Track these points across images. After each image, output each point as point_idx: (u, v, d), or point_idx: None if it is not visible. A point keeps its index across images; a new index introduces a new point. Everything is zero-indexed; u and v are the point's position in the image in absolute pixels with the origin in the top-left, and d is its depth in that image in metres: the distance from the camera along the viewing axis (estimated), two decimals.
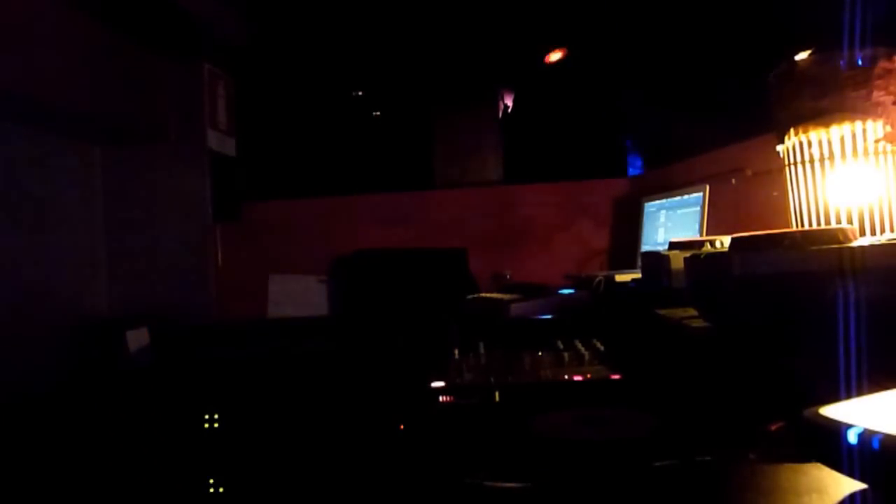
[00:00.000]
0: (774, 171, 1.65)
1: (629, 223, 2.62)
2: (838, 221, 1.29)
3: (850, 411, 0.51)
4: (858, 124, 1.27)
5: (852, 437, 0.47)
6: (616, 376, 1.16)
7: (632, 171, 3.02)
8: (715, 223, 2.04)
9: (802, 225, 1.36)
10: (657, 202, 2.43)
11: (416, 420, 1.03)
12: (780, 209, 1.53)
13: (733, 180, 2.04)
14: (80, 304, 2.42)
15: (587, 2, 2.68)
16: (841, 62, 1.27)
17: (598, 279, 1.97)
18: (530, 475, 0.74)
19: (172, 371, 1.97)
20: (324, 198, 2.90)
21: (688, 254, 1.18)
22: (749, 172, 1.96)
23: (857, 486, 0.50)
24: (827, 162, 1.31)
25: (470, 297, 2.15)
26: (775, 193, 1.65)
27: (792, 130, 1.36)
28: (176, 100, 2.57)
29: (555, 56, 2.68)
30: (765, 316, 0.92)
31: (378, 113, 3.15)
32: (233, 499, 1.83)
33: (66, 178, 2.39)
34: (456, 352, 1.40)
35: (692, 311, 1.20)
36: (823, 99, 1.30)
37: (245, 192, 2.83)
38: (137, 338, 2.19)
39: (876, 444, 0.45)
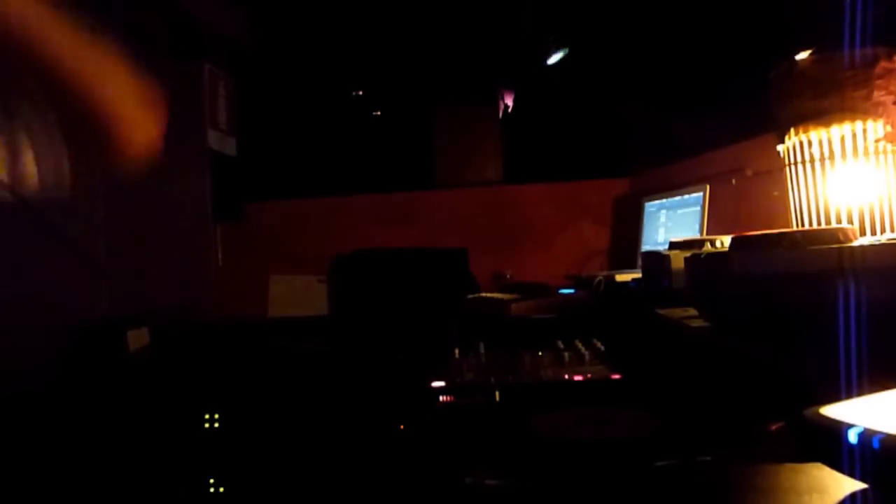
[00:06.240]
0: (774, 171, 1.65)
1: (629, 223, 2.62)
2: (838, 221, 1.29)
3: (850, 411, 0.51)
4: (859, 124, 1.27)
5: (852, 437, 0.46)
6: (616, 376, 1.16)
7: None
8: (715, 223, 2.04)
9: (802, 225, 1.36)
10: (657, 202, 2.43)
11: (416, 420, 1.03)
12: (780, 209, 1.53)
13: (733, 180, 2.04)
14: (80, 304, 2.42)
15: (588, 1, 2.68)
16: (841, 62, 1.27)
17: (598, 279, 1.97)
18: (530, 475, 0.74)
19: (173, 371, 1.97)
20: (324, 198, 2.89)
21: (688, 253, 1.18)
22: (749, 172, 1.96)
23: (858, 486, 0.50)
24: (827, 162, 1.31)
25: (470, 296, 2.15)
26: (775, 193, 1.65)
27: (792, 130, 1.36)
28: (176, 100, 2.57)
29: (555, 57, 2.68)
30: (765, 316, 0.92)
31: (378, 113, 3.15)
32: (233, 499, 1.83)
33: (66, 177, 2.38)
34: (456, 352, 1.40)
35: (692, 311, 1.20)
36: (824, 99, 1.30)
37: (245, 192, 2.83)
38: (137, 338, 2.19)
39: (876, 444, 0.45)
